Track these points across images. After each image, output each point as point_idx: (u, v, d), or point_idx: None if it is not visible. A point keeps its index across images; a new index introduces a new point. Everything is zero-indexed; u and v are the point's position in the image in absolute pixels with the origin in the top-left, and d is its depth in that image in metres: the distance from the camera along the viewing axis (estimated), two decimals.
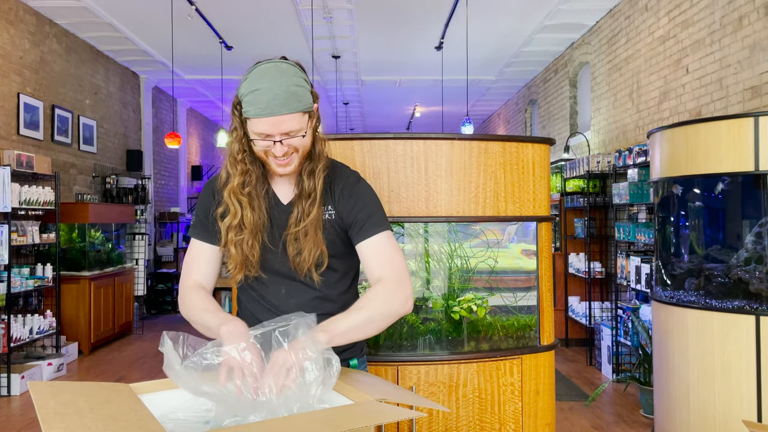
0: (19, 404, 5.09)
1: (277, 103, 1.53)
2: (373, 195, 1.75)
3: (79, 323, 6.80)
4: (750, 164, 3.15)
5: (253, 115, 1.56)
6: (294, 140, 1.59)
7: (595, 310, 6.42)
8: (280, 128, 1.56)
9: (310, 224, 1.65)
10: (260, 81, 1.55)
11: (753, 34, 4.32)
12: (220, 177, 1.72)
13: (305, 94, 1.59)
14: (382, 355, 2.45)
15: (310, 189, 1.67)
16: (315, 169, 1.68)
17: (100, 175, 8.39)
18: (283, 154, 1.60)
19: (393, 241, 1.70)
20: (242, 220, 1.65)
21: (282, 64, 1.59)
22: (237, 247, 1.66)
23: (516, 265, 2.76)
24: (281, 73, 1.56)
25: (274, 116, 1.54)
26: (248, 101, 1.56)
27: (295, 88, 1.56)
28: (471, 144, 2.48)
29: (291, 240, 1.67)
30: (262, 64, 1.59)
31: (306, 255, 1.65)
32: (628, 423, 4.46)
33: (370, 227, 1.67)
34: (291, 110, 1.55)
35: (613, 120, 6.87)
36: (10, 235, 5.34)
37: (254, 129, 1.58)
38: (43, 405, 1.22)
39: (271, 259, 1.70)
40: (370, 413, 1.27)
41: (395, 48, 8.85)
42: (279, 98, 1.53)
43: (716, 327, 3.24)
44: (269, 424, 1.23)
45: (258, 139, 1.59)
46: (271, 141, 1.58)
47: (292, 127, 1.57)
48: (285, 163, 1.62)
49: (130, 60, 9.08)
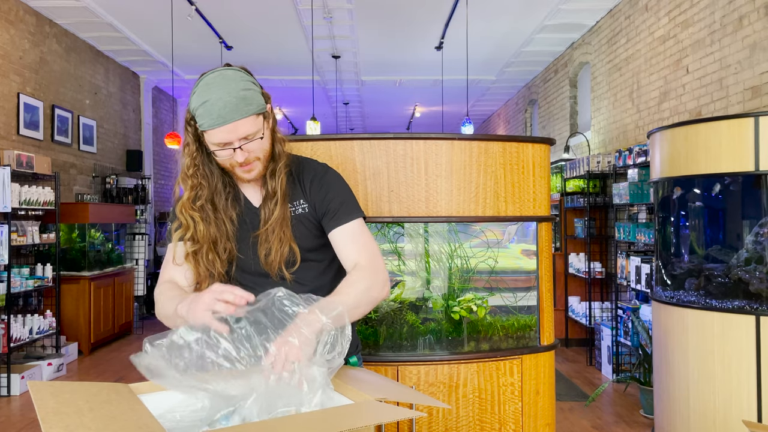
0: (19, 404, 5.09)
1: (228, 110, 1.54)
2: (344, 183, 1.77)
3: (79, 323, 6.80)
4: (750, 164, 3.15)
5: (207, 126, 1.57)
6: (253, 144, 1.60)
7: (595, 310, 6.42)
8: (236, 134, 1.57)
9: (275, 222, 1.66)
10: (208, 92, 1.55)
11: (753, 34, 4.32)
12: (173, 195, 1.75)
13: (255, 97, 1.59)
14: (382, 355, 2.45)
15: (274, 189, 1.68)
16: (276, 169, 1.69)
17: (100, 175, 8.39)
18: (245, 159, 1.61)
19: (366, 229, 1.72)
20: (195, 234, 1.66)
21: (227, 71, 1.59)
22: (197, 261, 1.66)
23: (516, 265, 2.76)
24: (227, 81, 1.56)
25: (228, 123, 1.55)
26: (200, 114, 1.57)
27: (244, 92, 1.57)
28: (471, 144, 2.48)
29: (261, 241, 1.68)
30: (207, 75, 1.59)
31: (274, 254, 1.66)
32: (628, 423, 4.46)
33: (342, 215, 1.69)
34: (244, 114, 1.56)
35: (613, 120, 6.87)
36: (10, 235, 5.34)
37: (212, 140, 1.59)
38: (42, 405, 1.22)
39: (245, 262, 1.71)
40: (370, 413, 1.27)
41: (395, 48, 8.85)
42: (230, 105, 1.54)
43: (716, 327, 3.24)
44: (269, 424, 1.23)
45: (218, 150, 1.60)
46: (231, 149, 1.59)
47: (248, 131, 1.58)
48: (248, 169, 1.64)
49: (130, 60, 9.08)
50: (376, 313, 2.54)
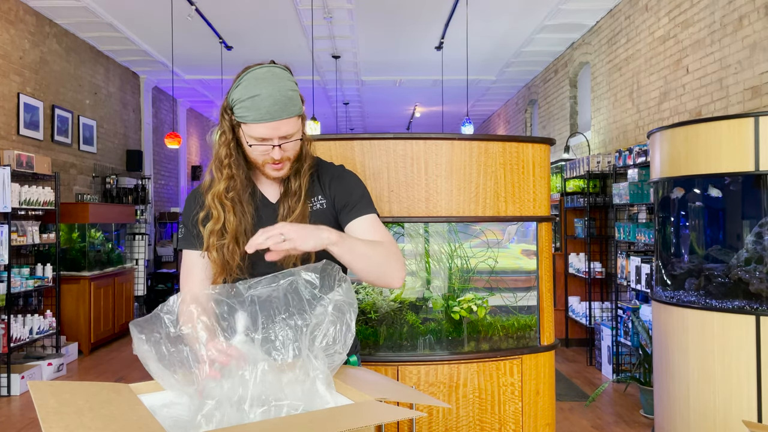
0: (19, 404, 5.09)
1: (277, 109, 1.57)
2: (361, 182, 1.79)
3: (79, 323, 6.80)
4: (750, 164, 3.15)
5: (252, 120, 1.58)
6: (290, 144, 1.63)
7: (595, 310, 6.42)
8: (278, 132, 1.60)
9: (296, 219, 1.67)
10: (258, 87, 1.57)
11: (753, 34, 4.32)
12: (203, 182, 1.75)
13: (298, 98, 1.63)
14: (382, 355, 2.45)
15: (296, 187, 1.70)
16: (301, 169, 1.71)
17: (100, 175, 8.39)
18: (280, 158, 1.63)
19: (380, 223, 1.74)
20: (224, 225, 1.66)
21: (276, 69, 1.61)
22: (219, 252, 1.66)
23: (516, 265, 2.76)
24: (278, 78, 1.59)
25: (275, 121, 1.57)
26: (246, 107, 1.58)
27: (291, 92, 1.60)
28: (471, 144, 2.48)
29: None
30: (255, 69, 1.61)
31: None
32: (628, 423, 4.46)
33: (361, 208, 1.71)
34: (289, 114, 1.59)
35: (613, 120, 6.87)
36: (10, 235, 5.34)
37: (252, 133, 1.61)
38: (43, 404, 1.22)
39: (260, 256, 1.70)
40: (370, 413, 1.27)
41: (395, 48, 8.86)
42: (279, 103, 1.57)
43: (716, 327, 3.24)
44: (269, 424, 1.23)
45: (256, 144, 1.62)
46: (269, 145, 1.61)
47: (289, 131, 1.61)
48: (280, 167, 1.66)
49: (130, 60, 9.08)
50: (376, 313, 2.54)
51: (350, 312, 1.43)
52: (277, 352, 1.43)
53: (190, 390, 1.35)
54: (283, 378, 1.33)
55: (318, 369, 1.35)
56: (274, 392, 1.31)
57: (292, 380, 1.33)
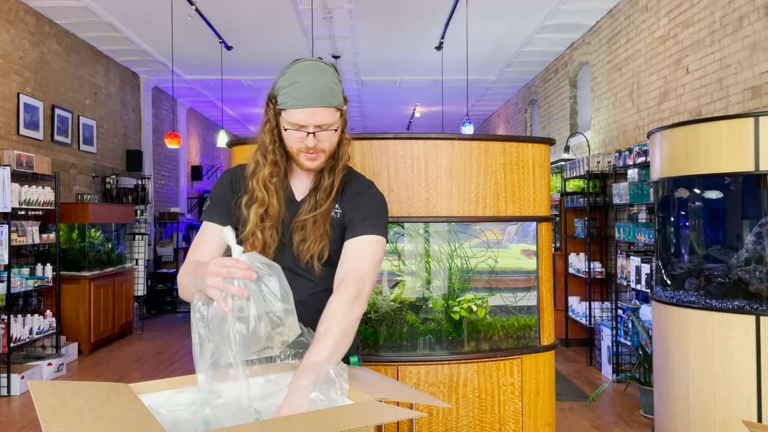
0: (19, 404, 5.09)
1: (314, 96, 1.62)
2: (382, 204, 1.77)
3: (79, 323, 6.80)
4: (750, 164, 3.16)
5: (290, 105, 1.64)
6: (325, 134, 1.67)
7: (595, 310, 6.42)
8: (314, 119, 1.64)
9: (320, 215, 1.70)
10: (300, 75, 1.64)
11: (753, 34, 4.32)
12: (247, 166, 1.77)
13: (339, 93, 1.68)
14: (382, 355, 2.45)
15: (328, 184, 1.73)
16: (336, 167, 1.75)
17: (100, 175, 8.39)
18: (314, 146, 1.66)
19: (377, 246, 1.69)
20: (268, 209, 1.70)
21: (321, 63, 1.69)
22: (262, 234, 1.69)
23: (516, 265, 2.76)
24: (320, 70, 1.66)
25: (311, 107, 1.63)
26: (286, 93, 1.65)
27: (332, 85, 1.66)
28: (471, 144, 2.48)
29: (298, 228, 1.71)
30: (302, 61, 1.68)
31: (310, 243, 1.69)
32: (628, 423, 4.46)
33: (362, 228, 1.69)
34: (326, 104, 1.64)
35: (613, 120, 6.87)
36: (10, 235, 5.34)
37: (290, 119, 1.66)
38: (43, 404, 1.22)
39: (282, 253, 1.73)
40: (369, 413, 1.27)
41: (395, 48, 8.85)
42: (317, 91, 1.62)
43: (716, 327, 3.24)
44: (269, 424, 1.23)
45: (292, 130, 1.67)
46: (305, 132, 1.65)
47: (325, 120, 1.65)
48: (314, 157, 1.69)
49: (130, 60, 9.08)
50: (376, 313, 2.54)
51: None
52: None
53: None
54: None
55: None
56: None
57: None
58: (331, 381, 1.37)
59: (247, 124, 14.84)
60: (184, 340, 7.60)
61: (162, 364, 6.43)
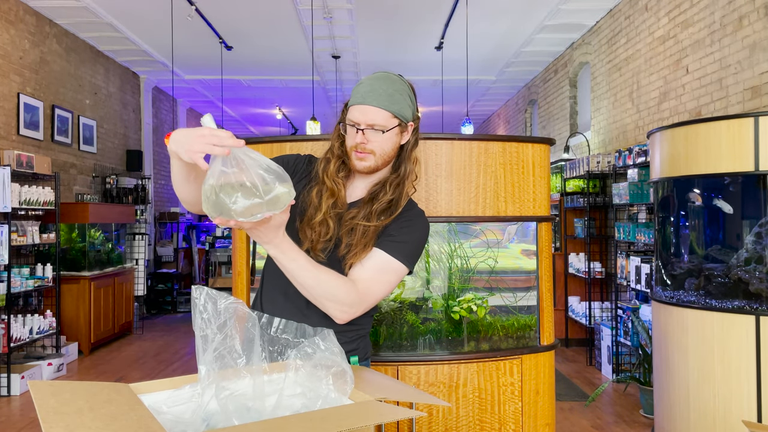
0: (19, 404, 5.09)
1: (371, 96, 1.69)
2: (415, 229, 1.74)
3: (79, 323, 6.80)
4: (750, 164, 3.16)
5: (351, 102, 1.73)
6: (375, 135, 1.70)
7: (595, 310, 6.42)
8: (365, 117, 1.69)
9: (372, 229, 1.68)
10: (367, 79, 1.74)
11: (753, 34, 4.32)
12: (320, 161, 1.80)
13: (402, 104, 1.73)
14: (382, 355, 2.45)
15: (388, 199, 1.72)
16: (400, 184, 1.75)
17: (100, 175, 8.40)
18: (361, 142, 1.69)
19: (394, 275, 1.68)
20: (337, 200, 1.73)
21: (391, 74, 1.77)
22: (333, 223, 1.70)
23: (516, 265, 2.76)
24: (389, 79, 1.74)
25: (365, 105, 1.69)
26: (353, 92, 1.74)
27: (393, 92, 1.71)
28: (471, 144, 2.48)
29: (347, 230, 1.70)
30: (378, 72, 1.78)
31: (357, 252, 1.67)
32: (628, 423, 4.46)
33: (384, 243, 1.68)
34: (380, 105, 1.69)
35: (613, 120, 6.87)
36: (10, 235, 5.34)
37: (349, 116, 1.73)
38: (43, 404, 1.22)
39: (335, 244, 1.73)
40: (370, 413, 1.27)
41: (395, 48, 8.86)
42: (375, 93, 1.69)
43: (716, 327, 3.24)
44: (269, 424, 1.23)
45: (348, 125, 1.73)
46: (356, 129, 1.71)
47: (377, 121, 1.69)
48: (362, 156, 1.71)
49: (130, 60, 9.08)
50: (376, 313, 2.54)
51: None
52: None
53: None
54: None
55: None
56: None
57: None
58: (339, 375, 1.38)
59: (247, 124, 14.85)
60: (184, 340, 7.60)
61: (162, 364, 6.44)
